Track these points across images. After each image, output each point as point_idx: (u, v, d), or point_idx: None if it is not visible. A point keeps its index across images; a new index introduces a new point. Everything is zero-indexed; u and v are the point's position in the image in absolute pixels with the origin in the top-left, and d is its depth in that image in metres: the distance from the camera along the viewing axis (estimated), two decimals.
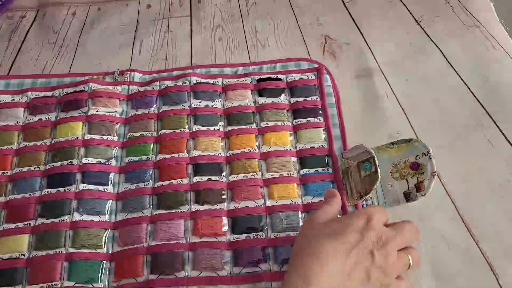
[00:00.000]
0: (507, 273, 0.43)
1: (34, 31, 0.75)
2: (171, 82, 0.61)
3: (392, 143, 0.51)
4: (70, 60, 0.68)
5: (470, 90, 0.60)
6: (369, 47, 0.67)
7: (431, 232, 0.47)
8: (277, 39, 0.70)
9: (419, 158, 0.48)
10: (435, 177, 0.46)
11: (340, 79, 0.62)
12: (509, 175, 0.51)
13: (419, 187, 0.47)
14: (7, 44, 0.72)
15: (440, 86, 0.61)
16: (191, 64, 0.67)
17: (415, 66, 0.64)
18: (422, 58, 0.65)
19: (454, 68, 0.63)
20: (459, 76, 0.62)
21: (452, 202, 0.49)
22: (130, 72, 0.62)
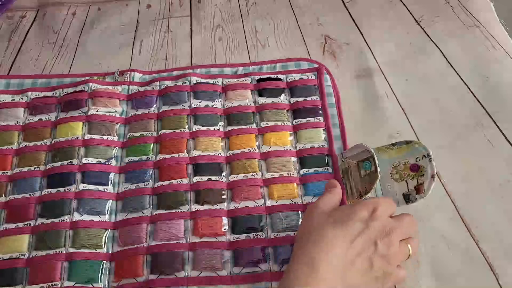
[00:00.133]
0: (507, 273, 0.43)
1: (34, 31, 0.75)
2: (171, 82, 0.61)
3: (392, 144, 0.51)
4: (70, 60, 0.68)
5: (470, 90, 0.60)
6: (369, 47, 0.67)
7: (431, 232, 0.47)
8: (277, 39, 0.70)
9: (419, 160, 0.48)
10: (435, 179, 0.47)
11: (340, 79, 0.62)
12: (509, 175, 0.51)
13: (418, 189, 0.47)
14: (7, 44, 0.72)
15: (440, 86, 0.61)
16: (191, 64, 0.67)
17: (415, 66, 0.64)
18: (422, 58, 0.65)
19: (454, 68, 0.63)
20: (459, 76, 0.62)
21: (452, 202, 0.49)
22: (130, 72, 0.62)
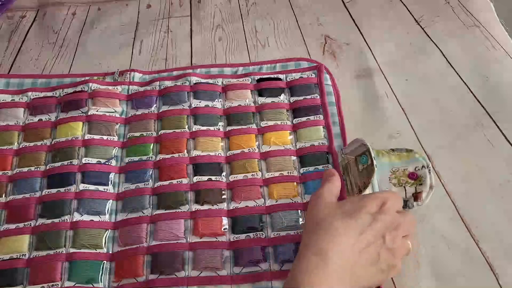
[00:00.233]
0: (507, 273, 0.43)
1: (34, 31, 0.75)
2: (171, 82, 0.61)
3: (393, 150, 0.51)
4: (70, 60, 0.68)
5: (470, 90, 0.60)
6: (369, 47, 0.67)
7: (431, 232, 0.47)
8: (277, 39, 0.70)
9: (418, 170, 0.49)
10: (433, 190, 0.47)
11: (340, 79, 0.62)
12: (509, 175, 0.51)
13: (416, 197, 0.48)
14: (7, 44, 0.72)
15: (440, 86, 0.61)
16: (191, 64, 0.67)
17: (415, 66, 0.64)
18: (422, 58, 0.65)
19: (454, 68, 0.63)
20: (459, 76, 0.62)
21: (452, 202, 0.49)
22: (130, 72, 0.62)
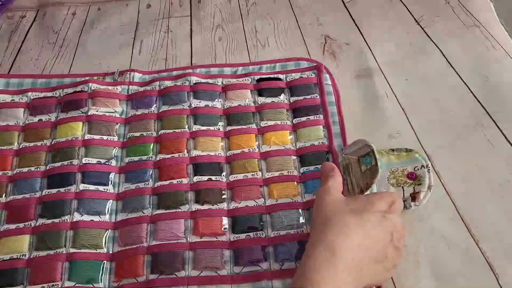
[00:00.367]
0: (507, 273, 0.43)
1: (34, 31, 0.75)
2: (171, 82, 0.61)
3: (392, 150, 0.51)
4: (70, 60, 0.68)
5: (470, 90, 0.60)
6: (369, 47, 0.67)
7: (431, 232, 0.47)
8: (277, 39, 0.70)
9: (418, 170, 0.49)
10: (431, 190, 0.48)
11: (340, 79, 0.62)
12: (509, 175, 0.51)
13: (414, 197, 0.48)
14: (7, 44, 0.72)
15: (440, 86, 0.61)
16: (191, 64, 0.67)
17: (415, 66, 0.64)
18: (422, 58, 0.65)
19: (454, 68, 0.63)
20: (459, 76, 0.62)
21: (452, 202, 0.49)
22: (130, 72, 0.62)
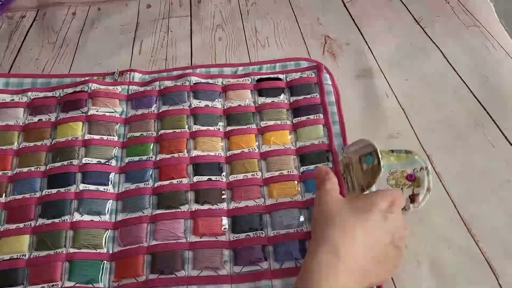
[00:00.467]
0: (507, 273, 0.43)
1: (34, 31, 0.75)
2: (171, 82, 0.61)
3: (392, 151, 0.51)
4: (70, 60, 0.68)
5: (470, 90, 0.60)
6: (369, 47, 0.67)
7: (431, 232, 0.47)
8: (277, 39, 0.70)
9: (417, 172, 0.49)
10: (430, 192, 0.48)
11: (340, 79, 0.61)
12: (509, 175, 0.51)
13: (413, 199, 0.48)
14: (7, 44, 0.72)
15: (440, 86, 0.61)
16: (191, 64, 0.67)
17: (415, 66, 0.64)
18: (422, 58, 0.65)
19: (454, 68, 0.63)
20: (459, 76, 0.62)
21: (452, 202, 0.49)
22: (130, 72, 0.62)
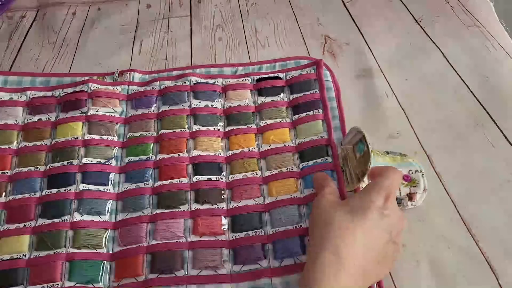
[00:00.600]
0: (507, 273, 0.43)
1: (34, 31, 0.75)
2: (170, 82, 0.61)
3: (387, 152, 0.51)
4: (70, 60, 0.68)
5: (470, 90, 0.60)
6: (369, 47, 0.67)
7: (431, 232, 0.47)
8: (277, 39, 0.70)
9: (412, 174, 0.50)
10: (427, 192, 0.48)
11: (340, 79, 0.61)
12: (509, 175, 0.51)
13: (411, 197, 0.48)
14: (7, 44, 0.72)
15: (440, 86, 0.61)
16: (191, 64, 0.67)
17: (415, 66, 0.64)
18: (422, 58, 0.65)
19: (454, 68, 0.63)
20: (459, 76, 0.62)
21: (452, 202, 0.49)
22: (129, 72, 0.62)
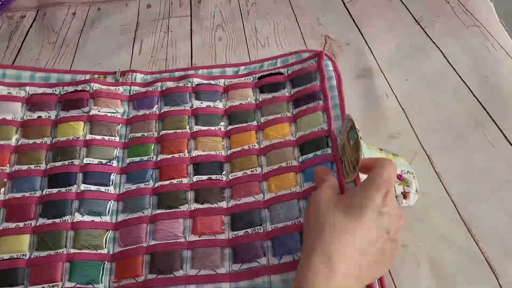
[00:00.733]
0: (507, 273, 0.43)
1: (34, 31, 0.75)
2: (172, 83, 0.61)
3: (381, 149, 0.51)
4: (70, 60, 0.68)
5: (470, 90, 0.60)
6: (369, 47, 0.67)
7: (431, 232, 0.47)
8: (277, 39, 0.70)
9: (404, 174, 0.50)
10: (418, 193, 0.49)
11: None
12: (509, 175, 0.51)
13: (405, 196, 0.49)
14: (7, 44, 0.72)
15: (440, 86, 0.61)
16: (191, 64, 0.67)
17: (415, 66, 0.64)
18: (422, 58, 0.65)
19: (454, 68, 0.63)
20: (459, 76, 0.62)
21: (452, 202, 0.49)
22: (132, 73, 0.62)
